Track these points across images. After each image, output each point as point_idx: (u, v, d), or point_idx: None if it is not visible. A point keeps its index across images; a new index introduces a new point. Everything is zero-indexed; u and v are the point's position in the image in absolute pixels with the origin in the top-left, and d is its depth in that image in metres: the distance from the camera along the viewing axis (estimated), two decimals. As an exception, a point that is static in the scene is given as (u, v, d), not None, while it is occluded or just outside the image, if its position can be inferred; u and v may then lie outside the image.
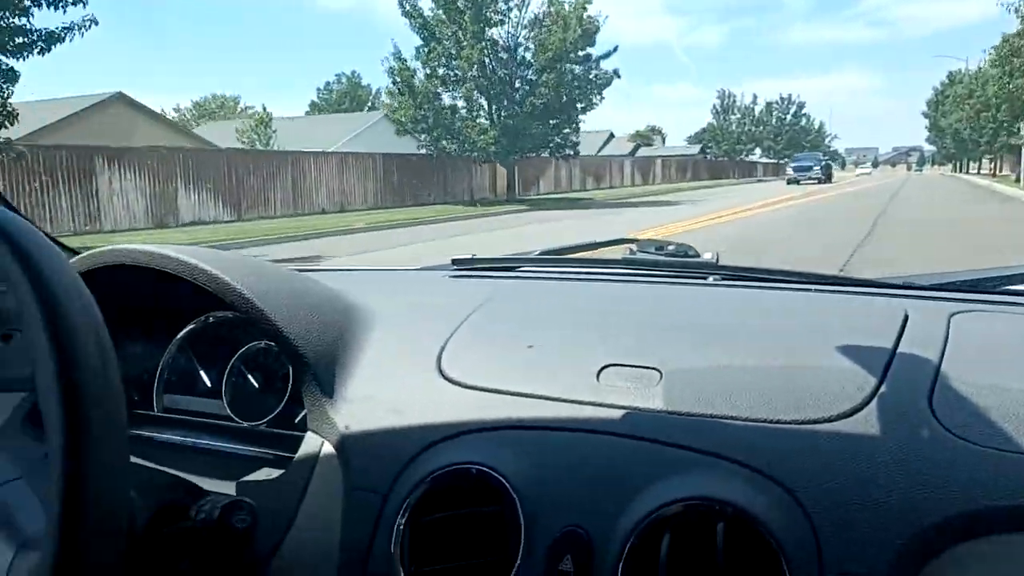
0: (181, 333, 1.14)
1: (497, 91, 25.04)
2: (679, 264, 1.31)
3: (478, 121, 25.09)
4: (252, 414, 1.03)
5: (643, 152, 58.81)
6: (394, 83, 24.76)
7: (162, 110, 33.39)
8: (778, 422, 0.76)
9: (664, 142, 74.95)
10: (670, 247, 1.38)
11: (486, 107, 25.44)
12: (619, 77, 25.90)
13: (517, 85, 25.21)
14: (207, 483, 0.87)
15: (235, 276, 0.94)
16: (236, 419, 1.04)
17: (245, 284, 0.93)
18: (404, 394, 0.91)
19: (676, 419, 0.79)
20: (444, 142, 24.91)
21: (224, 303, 0.94)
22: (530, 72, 25.06)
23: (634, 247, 1.43)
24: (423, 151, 25.69)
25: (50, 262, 0.57)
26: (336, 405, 0.90)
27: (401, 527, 0.80)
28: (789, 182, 42.09)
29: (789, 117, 74.12)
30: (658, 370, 0.86)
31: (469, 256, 1.39)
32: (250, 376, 1.08)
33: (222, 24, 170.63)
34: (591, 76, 25.66)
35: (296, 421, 1.00)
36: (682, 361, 0.88)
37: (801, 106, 74.43)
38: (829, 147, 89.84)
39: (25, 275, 0.56)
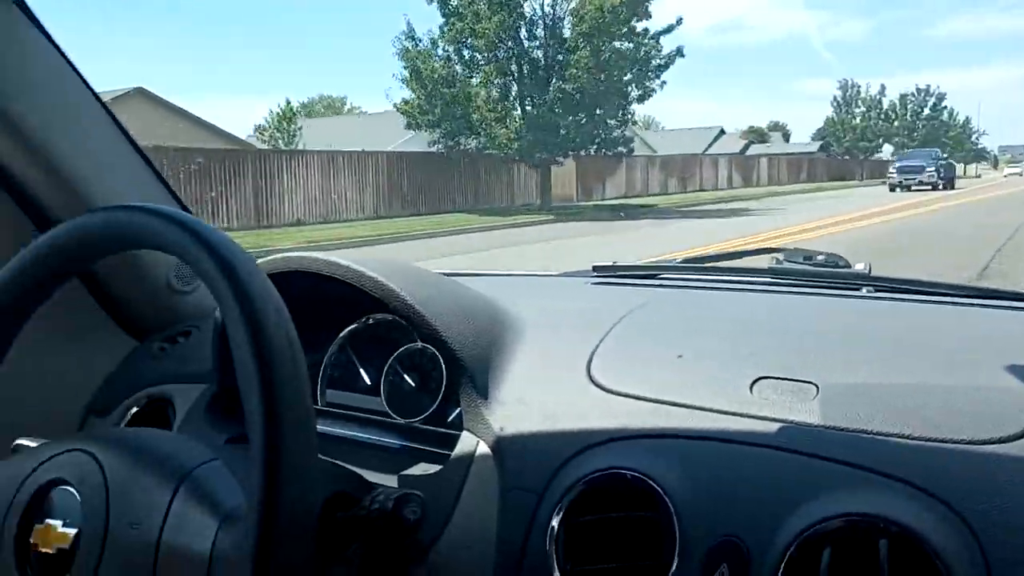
0: (343, 332, 1.16)
1: (527, 76, 20.55)
2: (829, 275, 1.32)
3: (504, 113, 20.59)
4: (407, 411, 1.05)
5: (755, 150, 53.13)
6: (404, 68, 20.71)
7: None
8: (941, 440, 0.76)
9: (788, 139, 68.39)
10: (819, 257, 1.39)
11: (516, 94, 20.98)
12: (683, 56, 20.88)
13: (554, 67, 20.59)
14: (366, 474, 0.90)
15: (398, 283, 0.99)
16: (393, 415, 1.06)
17: (407, 290, 0.99)
18: (556, 398, 0.94)
19: (834, 434, 0.79)
20: (462, 138, 20.72)
21: (383, 305, 0.99)
22: (562, 52, 20.39)
23: (780, 256, 1.45)
24: (435, 148, 21.49)
25: (246, 268, 0.61)
26: (491, 407, 0.95)
27: (556, 527, 0.83)
28: (892, 187, 32.76)
29: (926, 111, 65.92)
30: (815, 384, 0.86)
31: (610, 263, 1.47)
32: (406, 375, 1.09)
33: (338, 21, 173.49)
34: (640, 54, 20.62)
35: (449, 420, 1.01)
36: (839, 375, 0.88)
37: (941, 98, 65.92)
38: (976, 144, 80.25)
39: (227, 282, 0.60)
